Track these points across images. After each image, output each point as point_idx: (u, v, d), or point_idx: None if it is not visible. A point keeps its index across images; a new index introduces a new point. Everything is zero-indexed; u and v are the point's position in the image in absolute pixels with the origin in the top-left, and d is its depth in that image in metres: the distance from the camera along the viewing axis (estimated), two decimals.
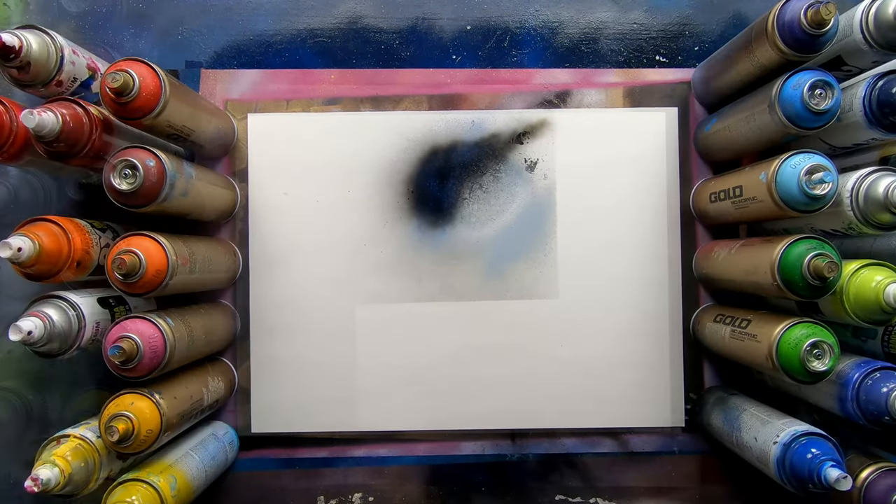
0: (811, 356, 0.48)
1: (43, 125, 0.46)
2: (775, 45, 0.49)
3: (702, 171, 0.65)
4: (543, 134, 0.64)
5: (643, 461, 0.65)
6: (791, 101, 0.49)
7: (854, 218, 0.49)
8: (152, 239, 0.49)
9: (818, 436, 0.49)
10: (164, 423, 0.49)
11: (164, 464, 0.53)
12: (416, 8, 0.65)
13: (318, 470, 0.64)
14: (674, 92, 0.65)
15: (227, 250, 0.62)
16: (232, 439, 0.63)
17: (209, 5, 0.65)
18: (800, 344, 0.48)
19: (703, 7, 0.65)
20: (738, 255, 0.56)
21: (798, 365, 0.48)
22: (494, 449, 0.65)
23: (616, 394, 0.64)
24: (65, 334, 0.49)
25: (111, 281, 0.49)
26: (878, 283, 0.47)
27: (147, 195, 0.49)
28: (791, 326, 0.49)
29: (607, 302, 0.64)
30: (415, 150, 0.65)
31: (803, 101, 0.48)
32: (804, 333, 0.48)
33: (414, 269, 0.64)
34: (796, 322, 0.49)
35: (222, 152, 0.64)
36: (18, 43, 0.47)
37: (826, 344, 0.48)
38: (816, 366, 0.48)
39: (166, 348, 0.49)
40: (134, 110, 0.48)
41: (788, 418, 0.53)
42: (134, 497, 0.48)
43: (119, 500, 0.48)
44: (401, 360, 0.64)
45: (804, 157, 0.49)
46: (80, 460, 0.48)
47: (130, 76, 0.47)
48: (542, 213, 0.64)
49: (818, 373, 0.48)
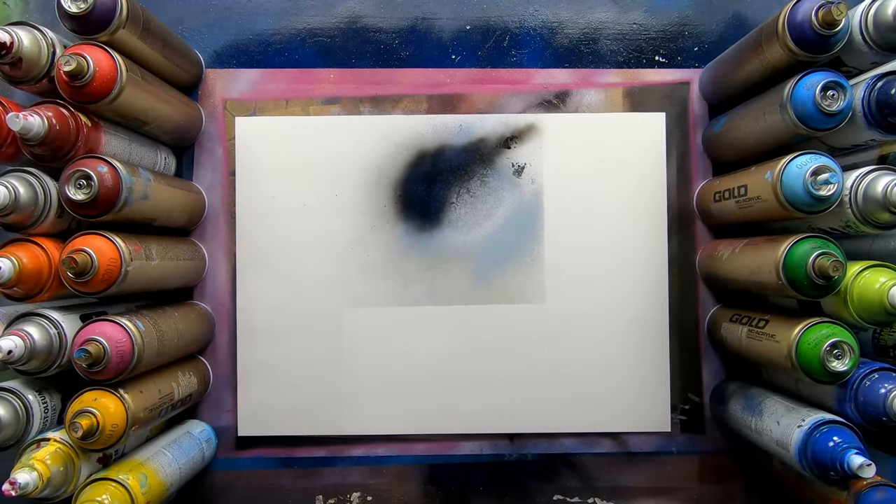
0: (831, 356, 0.48)
1: (28, 128, 0.46)
2: (786, 46, 0.49)
3: (701, 172, 0.65)
4: (531, 138, 0.64)
5: (641, 461, 0.65)
6: (803, 102, 0.49)
7: (853, 216, 0.49)
8: (100, 235, 0.49)
9: (843, 425, 0.49)
10: (130, 418, 0.49)
11: (135, 462, 0.52)
12: (416, 8, 0.65)
13: (316, 469, 0.64)
14: (673, 93, 0.65)
15: (185, 241, 0.62)
16: (209, 437, 0.63)
17: (209, 5, 0.65)
18: (819, 344, 0.48)
19: (702, 8, 0.65)
20: (742, 254, 0.56)
21: (818, 365, 0.48)
22: (493, 449, 0.65)
23: (605, 397, 0.64)
24: (45, 353, 0.49)
25: (67, 284, 0.48)
26: (882, 284, 0.47)
27: (105, 202, 0.49)
28: (811, 327, 0.49)
29: (594, 306, 0.64)
30: (402, 154, 0.64)
31: (815, 102, 0.48)
32: (824, 334, 0.48)
33: (401, 273, 0.64)
34: (816, 322, 0.49)
35: (186, 143, 0.64)
36: (10, 39, 0.47)
37: (846, 344, 0.48)
38: (836, 366, 0.48)
39: (134, 352, 0.49)
40: (88, 94, 0.48)
41: (814, 407, 0.53)
42: (104, 496, 0.48)
43: (88, 500, 0.48)
44: (387, 364, 0.64)
45: (810, 157, 0.49)
46: (59, 464, 0.48)
47: (85, 60, 0.47)
48: (529, 218, 0.64)
49: (838, 373, 0.48)
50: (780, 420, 0.53)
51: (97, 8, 0.49)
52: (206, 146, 0.65)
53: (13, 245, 0.50)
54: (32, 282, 0.49)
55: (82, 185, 0.48)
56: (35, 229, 0.50)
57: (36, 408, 0.51)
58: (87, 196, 0.48)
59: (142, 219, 0.54)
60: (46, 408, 0.52)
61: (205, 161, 0.65)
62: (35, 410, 0.51)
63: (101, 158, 0.49)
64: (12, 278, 0.47)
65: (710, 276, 0.63)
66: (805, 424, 0.50)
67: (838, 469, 0.47)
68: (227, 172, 0.65)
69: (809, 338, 0.49)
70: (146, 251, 0.53)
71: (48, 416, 0.52)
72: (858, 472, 0.46)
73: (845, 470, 0.46)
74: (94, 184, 0.48)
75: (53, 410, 0.53)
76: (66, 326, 0.50)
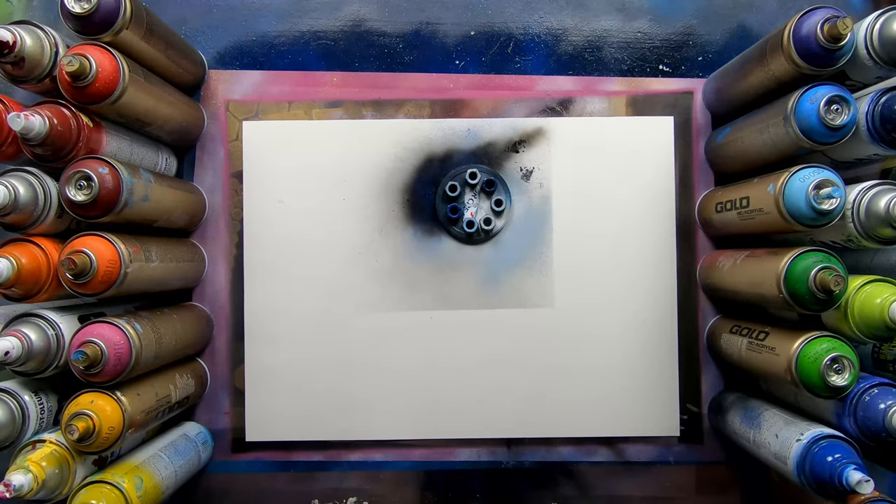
0: (831, 371, 0.48)
1: (30, 128, 0.46)
2: (791, 59, 0.49)
3: (703, 182, 0.65)
4: (539, 143, 0.64)
5: (638, 471, 0.64)
6: (807, 116, 0.49)
7: (855, 231, 0.49)
8: (99, 236, 0.49)
9: (842, 439, 0.49)
10: (127, 421, 0.49)
11: (131, 465, 0.52)
12: (420, 12, 0.65)
13: (313, 473, 0.64)
14: (677, 101, 0.65)
15: (184, 243, 0.62)
16: (205, 439, 0.62)
17: (212, 5, 0.64)
18: (819, 358, 0.48)
19: (707, 17, 0.65)
20: (744, 266, 0.55)
21: (818, 379, 0.48)
22: (490, 456, 0.65)
23: (612, 403, 0.64)
24: (43, 354, 0.49)
25: (66, 285, 0.48)
26: (883, 299, 0.47)
27: (106, 203, 0.49)
28: (811, 340, 0.49)
29: (603, 311, 0.64)
30: (410, 159, 0.64)
31: (819, 116, 0.48)
32: (824, 348, 0.48)
33: (409, 278, 0.64)
34: (816, 336, 0.49)
35: (188, 144, 0.64)
36: (12, 38, 0.47)
37: (846, 359, 0.48)
38: (836, 380, 0.48)
39: (132, 354, 0.49)
40: (90, 95, 0.48)
41: (812, 421, 0.53)
42: (100, 500, 0.48)
43: (83, 503, 0.47)
44: (396, 368, 0.64)
45: (813, 171, 0.49)
46: (54, 466, 0.48)
47: (87, 60, 0.47)
48: (537, 223, 0.64)
49: (838, 387, 0.48)
50: (778, 433, 0.53)
51: (101, 8, 0.49)
52: (207, 147, 0.64)
53: (12, 245, 0.49)
54: (31, 282, 0.49)
55: (83, 185, 0.48)
56: (34, 229, 0.50)
57: (32, 409, 0.51)
58: (87, 197, 0.48)
59: (142, 220, 0.54)
60: (42, 409, 0.51)
61: (206, 162, 0.64)
62: (31, 411, 0.50)
63: (101, 159, 0.49)
64: (11, 278, 0.47)
65: (711, 286, 0.62)
66: (804, 438, 0.50)
67: (837, 484, 0.47)
68: (228, 174, 0.64)
69: (809, 352, 0.49)
70: (146, 253, 0.53)
71: (44, 418, 0.52)
72: (857, 487, 0.45)
73: (844, 485, 0.46)
74: (94, 185, 0.48)
75: (49, 411, 0.52)
76: (64, 328, 0.50)
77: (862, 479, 0.45)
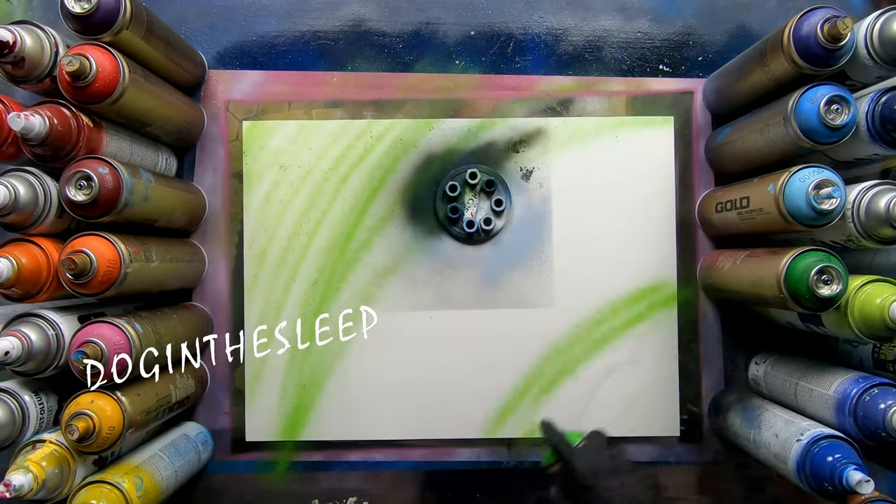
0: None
1: (30, 128, 0.46)
2: (791, 59, 0.49)
3: (703, 182, 0.65)
4: (539, 143, 0.64)
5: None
6: (807, 116, 0.49)
7: (855, 231, 0.49)
8: (99, 236, 0.49)
9: (842, 439, 0.49)
10: (127, 421, 0.49)
11: (131, 465, 0.52)
12: (420, 12, 0.65)
13: (313, 473, 0.64)
14: (677, 101, 0.65)
15: (184, 243, 0.62)
16: (206, 439, 0.62)
17: (213, 5, 0.64)
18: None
19: (707, 17, 0.65)
20: (744, 266, 0.55)
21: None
22: (490, 456, 0.65)
23: (612, 403, 0.64)
24: (43, 354, 0.49)
25: (66, 285, 0.48)
26: (883, 299, 0.47)
27: (106, 203, 0.49)
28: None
29: (603, 311, 0.64)
30: (410, 158, 0.64)
31: (819, 116, 0.48)
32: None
33: (409, 278, 0.64)
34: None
35: (188, 144, 0.64)
36: (12, 38, 0.47)
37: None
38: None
39: (132, 354, 0.49)
40: (90, 95, 0.48)
41: (812, 421, 0.53)
42: (100, 500, 0.48)
43: (83, 502, 0.47)
44: (396, 368, 0.64)
45: (813, 171, 0.49)
46: (54, 466, 0.48)
47: (88, 60, 0.47)
48: (537, 222, 0.64)
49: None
50: (778, 433, 0.53)
51: (101, 8, 0.49)
52: (207, 147, 0.64)
53: (12, 245, 0.49)
54: (31, 282, 0.49)
55: (83, 185, 0.48)
56: (35, 229, 0.50)
57: (32, 409, 0.51)
58: (87, 197, 0.48)
59: (142, 220, 0.54)
60: (42, 409, 0.51)
61: (206, 162, 0.64)
62: (31, 411, 0.50)
63: (101, 159, 0.49)
64: (11, 278, 0.47)
65: (711, 286, 0.62)
66: (804, 438, 0.50)
67: (837, 484, 0.47)
68: (228, 174, 0.64)
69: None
70: (146, 253, 0.53)
71: (44, 418, 0.52)
72: (857, 487, 0.46)
73: (844, 485, 0.46)
74: (94, 185, 0.48)
75: (49, 411, 0.52)
76: (64, 328, 0.50)
77: (862, 479, 0.45)
